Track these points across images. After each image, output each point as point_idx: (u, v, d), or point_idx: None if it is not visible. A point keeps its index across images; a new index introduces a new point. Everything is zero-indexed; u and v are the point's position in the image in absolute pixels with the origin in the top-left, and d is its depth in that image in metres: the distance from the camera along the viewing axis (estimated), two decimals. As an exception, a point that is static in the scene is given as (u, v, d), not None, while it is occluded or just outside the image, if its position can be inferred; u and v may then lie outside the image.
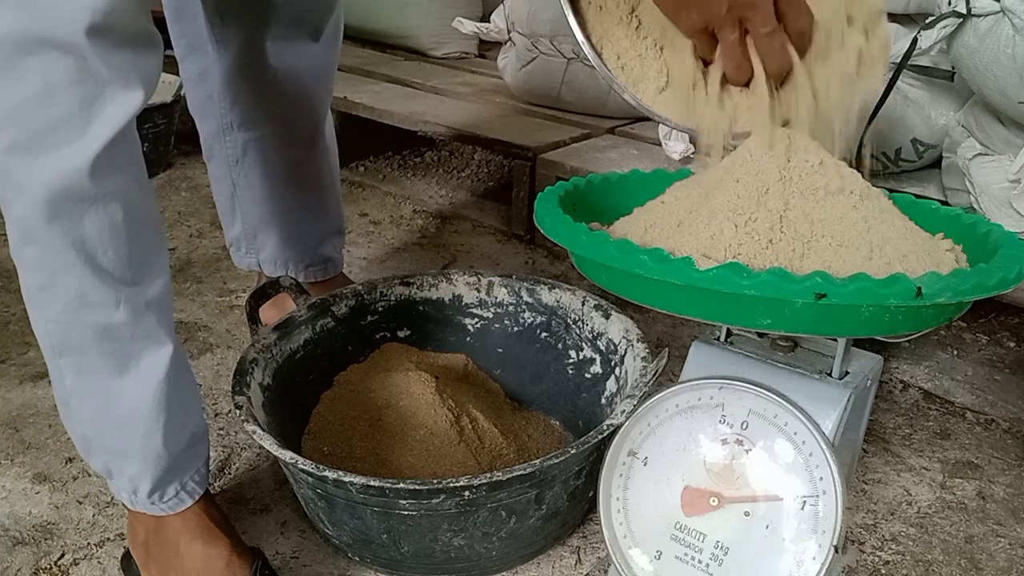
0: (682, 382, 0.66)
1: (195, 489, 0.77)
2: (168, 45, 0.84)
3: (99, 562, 0.85)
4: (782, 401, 0.61)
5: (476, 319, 1.07)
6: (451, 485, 0.71)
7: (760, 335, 0.67)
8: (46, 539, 0.88)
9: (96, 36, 0.57)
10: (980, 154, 1.14)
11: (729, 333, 0.68)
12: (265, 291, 0.94)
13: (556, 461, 0.73)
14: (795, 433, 0.61)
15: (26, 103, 0.58)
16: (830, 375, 0.63)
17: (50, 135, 0.59)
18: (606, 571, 0.83)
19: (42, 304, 0.66)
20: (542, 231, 0.62)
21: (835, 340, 0.62)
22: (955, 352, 1.22)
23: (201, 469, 0.78)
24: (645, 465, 0.68)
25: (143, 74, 0.62)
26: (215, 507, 0.80)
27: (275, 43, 1.00)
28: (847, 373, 0.63)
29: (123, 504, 0.78)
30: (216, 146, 1.07)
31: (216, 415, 1.08)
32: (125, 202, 0.65)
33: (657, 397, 0.67)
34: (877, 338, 0.60)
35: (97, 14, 0.56)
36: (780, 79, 0.60)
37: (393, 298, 1.05)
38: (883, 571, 0.85)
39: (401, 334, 1.06)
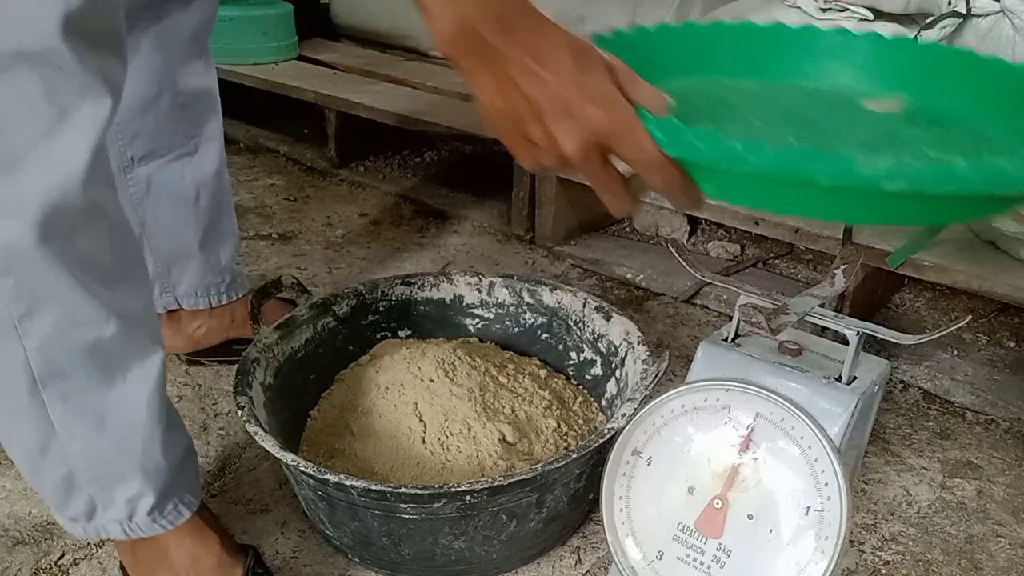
0: (689, 383, 0.66)
1: (192, 501, 0.76)
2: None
3: (99, 562, 0.85)
4: (789, 405, 0.61)
5: (477, 319, 1.07)
6: (452, 489, 0.71)
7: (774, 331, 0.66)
8: (46, 539, 0.88)
9: (70, 36, 0.56)
10: (980, 155, 1.14)
11: (736, 335, 0.67)
12: (267, 290, 0.94)
13: (557, 466, 0.73)
14: (801, 438, 0.61)
15: (2, 122, 0.56)
16: (838, 380, 0.62)
17: (32, 151, 0.57)
18: (606, 570, 0.83)
19: (22, 336, 0.62)
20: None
21: (845, 344, 0.62)
22: (955, 352, 1.22)
23: (196, 481, 0.78)
24: (649, 465, 0.68)
25: (112, 80, 0.60)
26: (204, 507, 0.80)
27: (175, 66, 0.98)
28: (855, 378, 0.63)
29: (110, 539, 0.75)
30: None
31: (216, 415, 1.07)
32: (110, 212, 0.64)
33: (663, 397, 0.67)
34: (879, 339, 0.60)
35: (71, 7, 0.55)
36: None
37: (394, 298, 1.05)
38: (883, 571, 0.85)
39: (402, 334, 1.06)
